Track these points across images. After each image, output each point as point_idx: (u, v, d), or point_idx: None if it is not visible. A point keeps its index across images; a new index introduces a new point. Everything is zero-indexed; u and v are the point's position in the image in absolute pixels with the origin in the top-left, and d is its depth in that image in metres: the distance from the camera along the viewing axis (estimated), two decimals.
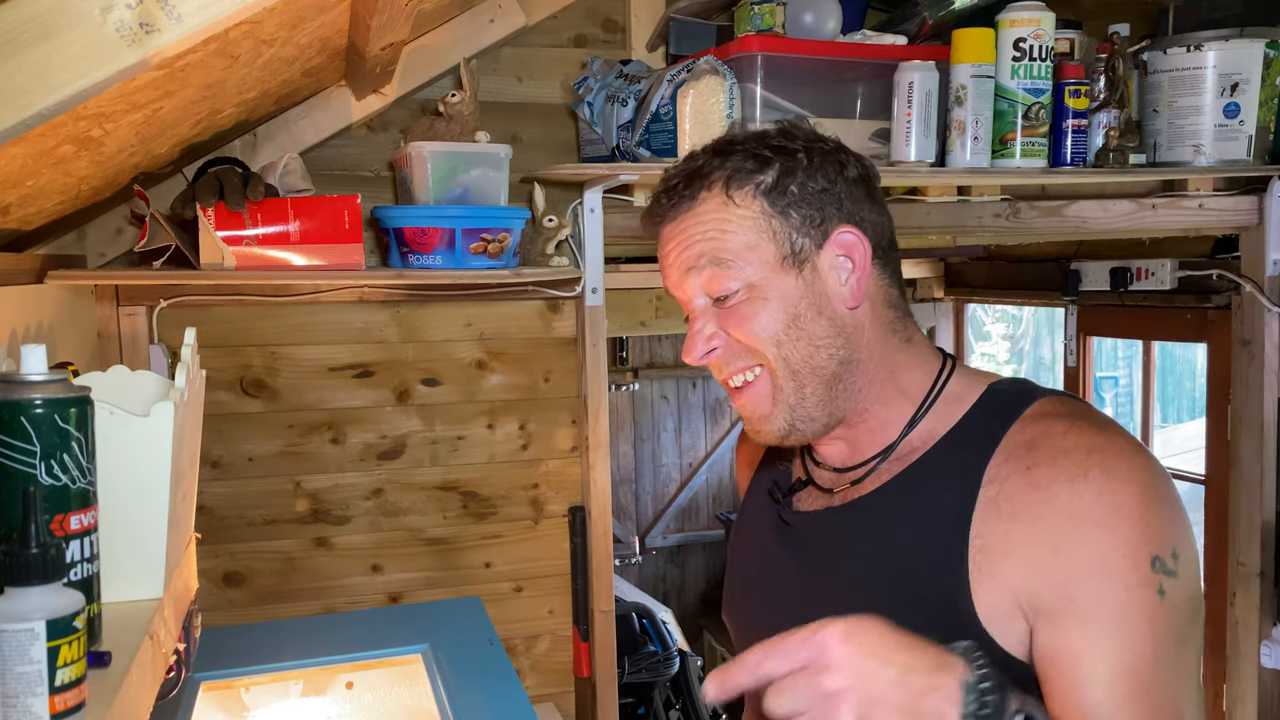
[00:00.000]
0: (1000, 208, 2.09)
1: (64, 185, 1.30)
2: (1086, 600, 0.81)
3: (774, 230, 0.93)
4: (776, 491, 1.06)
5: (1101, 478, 0.82)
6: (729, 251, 0.93)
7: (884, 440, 0.97)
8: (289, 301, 1.88)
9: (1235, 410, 2.33)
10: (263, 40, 1.14)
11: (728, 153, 0.95)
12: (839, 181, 0.95)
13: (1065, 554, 0.82)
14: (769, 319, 0.93)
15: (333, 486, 1.96)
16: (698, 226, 0.94)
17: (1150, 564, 0.81)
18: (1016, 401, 0.92)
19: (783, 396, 0.95)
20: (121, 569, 0.84)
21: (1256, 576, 2.29)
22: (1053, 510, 0.83)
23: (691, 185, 0.95)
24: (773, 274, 0.93)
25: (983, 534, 0.86)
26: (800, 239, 0.93)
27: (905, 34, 1.87)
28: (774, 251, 0.93)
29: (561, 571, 2.09)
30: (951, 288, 3.54)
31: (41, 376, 0.72)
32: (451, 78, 1.87)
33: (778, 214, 0.93)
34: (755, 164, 0.94)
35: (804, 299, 0.93)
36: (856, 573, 0.95)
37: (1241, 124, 1.95)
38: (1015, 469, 0.87)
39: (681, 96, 1.71)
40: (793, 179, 0.93)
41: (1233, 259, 2.33)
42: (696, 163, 0.96)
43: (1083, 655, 0.81)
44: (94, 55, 0.75)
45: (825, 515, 1.00)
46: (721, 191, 0.94)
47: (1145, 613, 0.80)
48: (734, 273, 0.93)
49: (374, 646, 1.71)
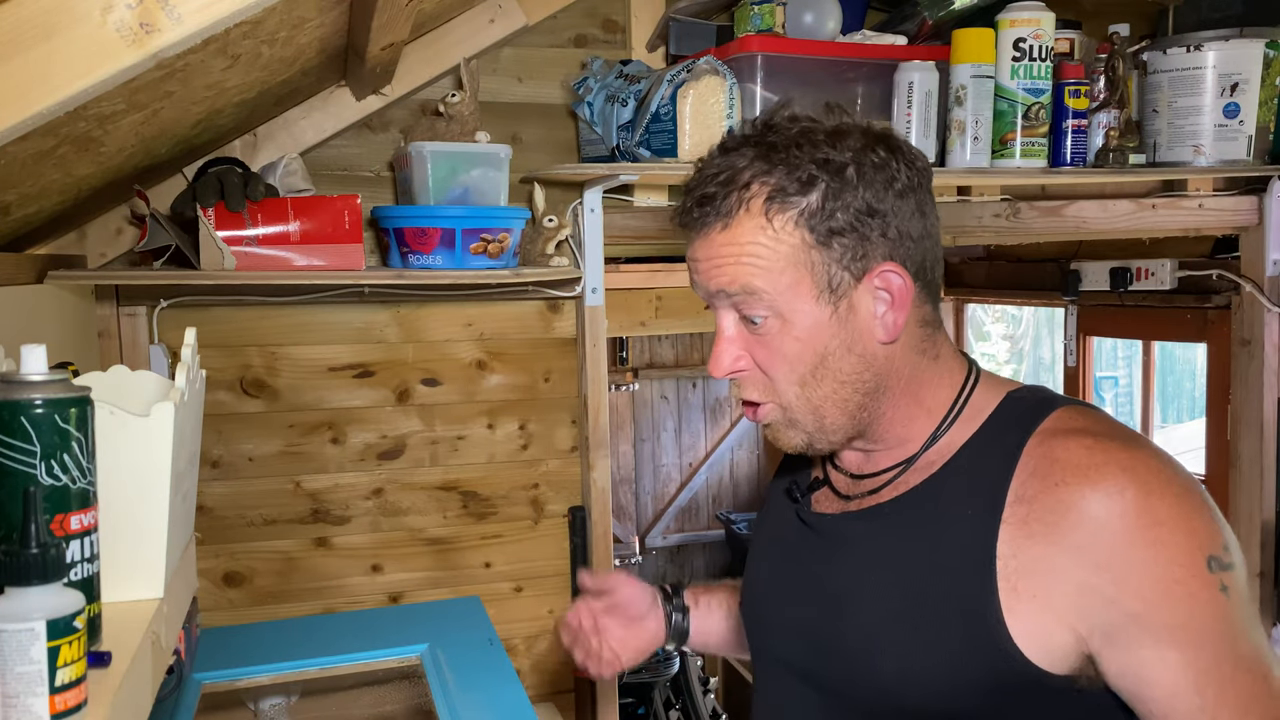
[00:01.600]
0: (1000, 208, 2.09)
1: (64, 185, 1.30)
2: (1152, 615, 0.81)
3: (813, 263, 0.88)
4: (795, 490, 1.05)
5: (1139, 495, 0.81)
6: (762, 281, 0.88)
7: (903, 453, 0.96)
8: (289, 301, 1.88)
9: (1235, 410, 2.33)
10: (263, 40, 1.14)
11: (770, 159, 0.88)
12: (887, 198, 0.88)
13: (1117, 573, 0.81)
14: (795, 358, 0.90)
15: (333, 486, 1.96)
16: (731, 248, 0.88)
17: (1207, 565, 0.80)
18: (1034, 412, 0.91)
19: (800, 425, 0.93)
20: (121, 569, 0.84)
21: (1256, 576, 2.29)
22: (1093, 532, 0.82)
23: (729, 199, 0.88)
24: (806, 308, 0.88)
25: (1015, 554, 0.85)
26: (839, 272, 0.88)
27: (905, 34, 1.87)
28: (811, 284, 0.88)
29: (561, 571, 2.09)
30: (951, 288, 3.54)
31: (41, 376, 0.72)
32: (451, 78, 1.87)
33: (819, 244, 0.87)
34: (799, 185, 0.87)
35: (835, 337, 0.89)
36: (873, 578, 0.94)
37: (1241, 124, 1.95)
38: (1043, 486, 0.85)
39: (681, 97, 1.71)
40: (838, 202, 0.87)
41: (1233, 259, 2.33)
42: (735, 164, 0.89)
43: (1165, 670, 0.81)
44: (94, 55, 0.75)
45: (842, 519, 0.99)
46: (761, 214, 0.87)
47: (1216, 614, 0.81)
48: (766, 304, 0.88)
49: (374, 646, 1.71)
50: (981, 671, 0.85)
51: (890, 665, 0.89)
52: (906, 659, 0.89)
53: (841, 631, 0.94)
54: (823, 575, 0.99)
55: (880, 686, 0.90)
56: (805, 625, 0.99)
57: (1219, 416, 2.42)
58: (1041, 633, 0.84)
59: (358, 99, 1.83)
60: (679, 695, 3.85)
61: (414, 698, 1.71)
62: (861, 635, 0.92)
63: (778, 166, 0.88)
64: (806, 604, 0.99)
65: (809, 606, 0.99)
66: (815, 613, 0.98)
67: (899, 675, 0.89)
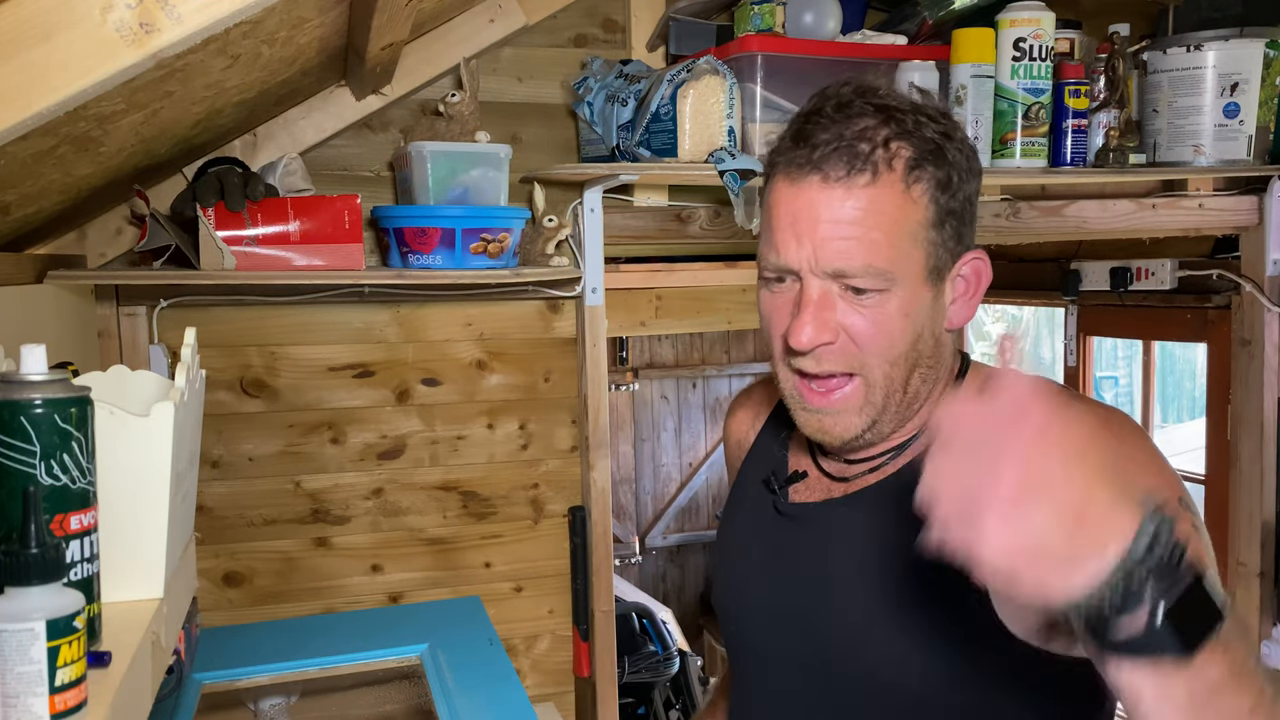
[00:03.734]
0: (1000, 208, 2.09)
1: (64, 185, 1.30)
2: None
3: (929, 240, 0.86)
4: (773, 481, 1.04)
5: None
6: (888, 258, 0.84)
7: (897, 439, 0.97)
8: (289, 301, 1.88)
9: (1235, 410, 2.33)
10: (263, 40, 1.14)
11: (901, 125, 0.83)
12: (979, 189, 0.88)
13: None
14: (897, 335, 0.87)
15: (333, 486, 1.96)
16: (864, 212, 0.83)
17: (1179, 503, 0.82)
18: None
19: (869, 410, 0.91)
20: (121, 569, 0.83)
21: (1256, 576, 2.29)
22: None
23: (873, 153, 0.83)
24: (916, 286, 0.87)
25: None
26: (944, 254, 0.87)
27: (905, 34, 1.87)
28: (923, 263, 0.86)
29: (561, 571, 2.09)
30: None
31: (41, 376, 0.72)
32: (451, 78, 1.87)
33: (936, 223, 0.86)
34: (935, 155, 0.84)
35: (929, 318, 0.89)
36: (863, 563, 0.94)
37: (1241, 124, 1.95)
38: None
39: (681, 96, 1.71)
40: (960, 183, 0.85)
41: (1233, 259, 2.33)
42: (872, 121, 0.84)
43: None
44: (94, 55, 0.75)
45: (825, 507, 0.99)
46: (902, 178, 0.83)
47: None
48: (885, 278, 0.85)
49: (374, 646, 1.71)
50: (970, 650, 0.86)
51: (880, 648, 0.90)
52: (896, 641, 0.89)
53: (829, 617, 0.95)
54: (807, 562, 0.99)
55: (870, 669, 0.91)
56: (791, 613, 0.98)
57: (1219, 416, 2.42)
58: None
59: (358, 99, 1.83)
60: (679, 695, 3.85)
61: (414, 698, 1.71)
62: (850, 619, 0.93)
63: (907, 134, 0.84)
64: (791, 592, 0.99)
65: (794, 594, 0.99)
66: (801, 600, 0.98)
67: (889, 657, 0.90)
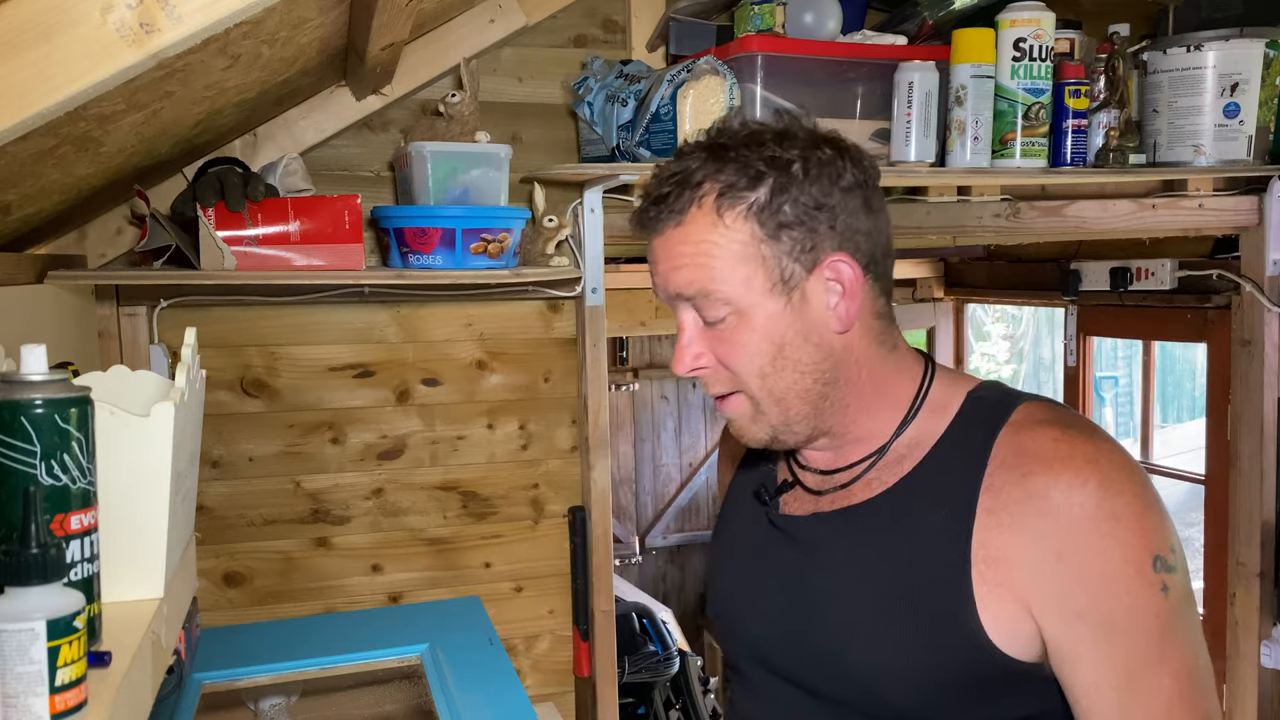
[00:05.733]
0: (1000, 208, 2.09)
1: (64, 185, 1.30)
2: (1096, 606, 0.84)
3: (764, 256, 0.90)
4: (764, 493, 1.05)
5: (1099, 487, 0.84)
6: (717, 279, 0.90)
7: (870, 447, 0.98)
8: (289, 301, 1.88)
9: (1235, 410, 2.33)
10: (263, 40, 1.14)
11: (721, 159, 0.91)
12: (834, 193, 0.91)
13: (1070, 562, 0.84)
14: (755, 350, 0.92)
15: (333, 486, 1.96)
16: (686, 247, 0.91)
17: (1152, 565, 0.83)
18: (1000, 408, 0.93)
19: (765, 417, 0.95)
20: (121, 569, 0.84)
21: (1256, 576, 2.29)
22: (1053, 519, 0.85)
23: (681, 198, 0.91)
24: (761, 301, 0.91)
25: (984, 544, 0.88)
26: (790, 264, 0.90)
27: (905, 34, 1.87)
28: (763, 278, 0.90)
29: (561, 571, 2.09)
30: (951, 288, 3.54)
31: (42, 376, 0.72)
32: (451, 78, 1.87)
33: (769, 237, 0.90)
34: (748, 180, 0.90)
35: (791, 327, 0.92)
36: (852, 579, 0.95)
37: (1241, 124, 1.95)
38: (1011, 477, 0.88)
39: (681, 96, 1.71)
40: (786, 196, 0.89)
41: (1233, 259, 2.33)
42: (688, 166, 0.92)
43: (1094, 659, 0.84)
44: (94, 55, 0.75)
45: (814, 521, 1.00)
46: (712, 210, 0.90)
47: (1151, 611, 0.84)
48: (722, 301, 0.91)
49: (374, 646, 1.71)
50: (958, 664, 0.88)
51: (871, 663, 0.91)
52: (887, 656, 0.91)
53: (821, 632, 0.96)
54: (799, 577, 1.00)
55: (862, 684, 0.92)
56: (784, 627, 1.00)
57: (1219, 416, 2.42)
58: (1009, 619, 0.87)
59: (358, 99, 1.83)
60: (679, 695, 3.85)
61: (414, 698, 1.71)
62: (841, 635, 0.94)
63: (728, 165, 0.90)
64: (785, 606, 1.00)
65: (787, 608, 1.00)
66: (794, 614, 0.99)
67: (880, 672, 0.91)
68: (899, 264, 3.98)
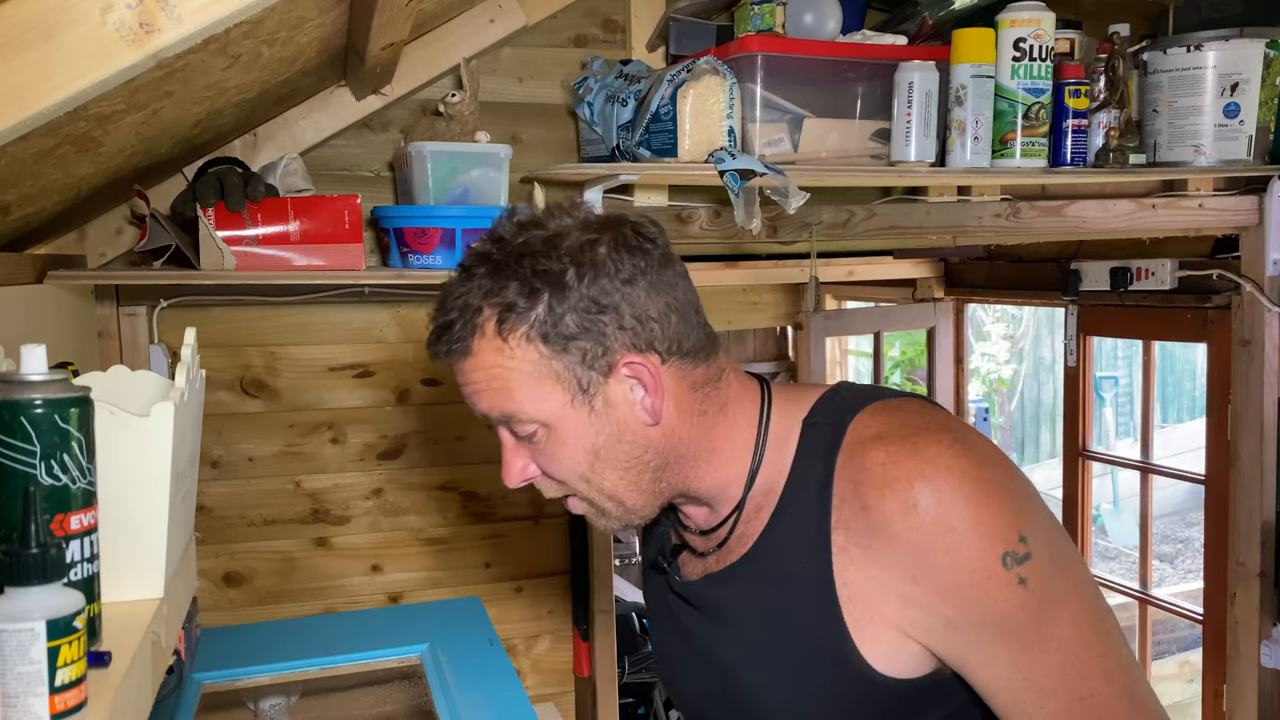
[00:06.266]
0: (1000, 208, 2.09)
1: (64, 185, 1.30)
2: (963, 616, 0.84)
3: (556, 372, 0.88)
4: (661, 561, 1.06)
5: (930, 502, 0.83)
6: (515, 401, 0.89)
7: (733, 497, 0.97)
8: (289, 301, 1.88)
9: (1235, 410, 2.33)
10: (263, 40, 1.14)
11: (496, 275, 0.88)
12: (614, 292, 0.87)
13: (924, 582, 0.84)
14: (570, 461, 0.91)
15: (333, 486, 1.96)
16: (479, 374, 0.90)
17: (1002, 563, 0.82)
18: (832, 436, 0.91)
19: (605, 512, 0.95)
20: (121, 569, 0.84)
21: (1256, 576, 2.29)
22: (897, 546, 0.85)
23: (465, 328, 0.89)
24: (564, 414, 0.89)
25: (845, 584, 0.88)
26: (585, 373, 0.88)
27: (905, 34, 1.87)
28: (561, 392, 0.89)
29: (561, 571, 2.09)
30: (951, 288, 3.54)
31: (41, 376, 0.72)
32: (451, 78, 1.87)
33: (557, 353, 0.87)
34: (525, 299, 0.87)
35: (601, 433, 0.90)
36: (750, 636, 0.96)
37: (1241, 124, 1.95)
38: (852, 510, 0.87)
39: (681, 96, 1.70)
40: (564, 307, 0.86)
41: (1233, 259, 2.33)
42: (466, 290, 0.90)
43: (983, 659, 0.86)
44: (94, 55, 0.75)
45: (706, 583, 1.00)
46: (495, 336, 0.88)
47: (1016, 606, 0.83)
48: (526, 421, 0.90)
49: (374, 646, 1.71)
50: (863, 697, 0.89)
51: (788, 715, 0.93)
52: (793, 706, 0.93)
53: (735, 692, 0.98)
54: (706, 645, 1.02)
55: None
56: (703, 686, 1.03)
57: (1219, 416, 2.42)
58: (890, 647, 0.88)
59: (358, 99, 1.83)
60: None
61: (414, 698, 1.71)
62: (753, 693, 0.96)
63: (504, 283, 0.88)
64: (699, 668, 1.03)
65: (703, 670, 1.03)
66: (709, 675, 1.02)
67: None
68: (899, 264, 3.92)
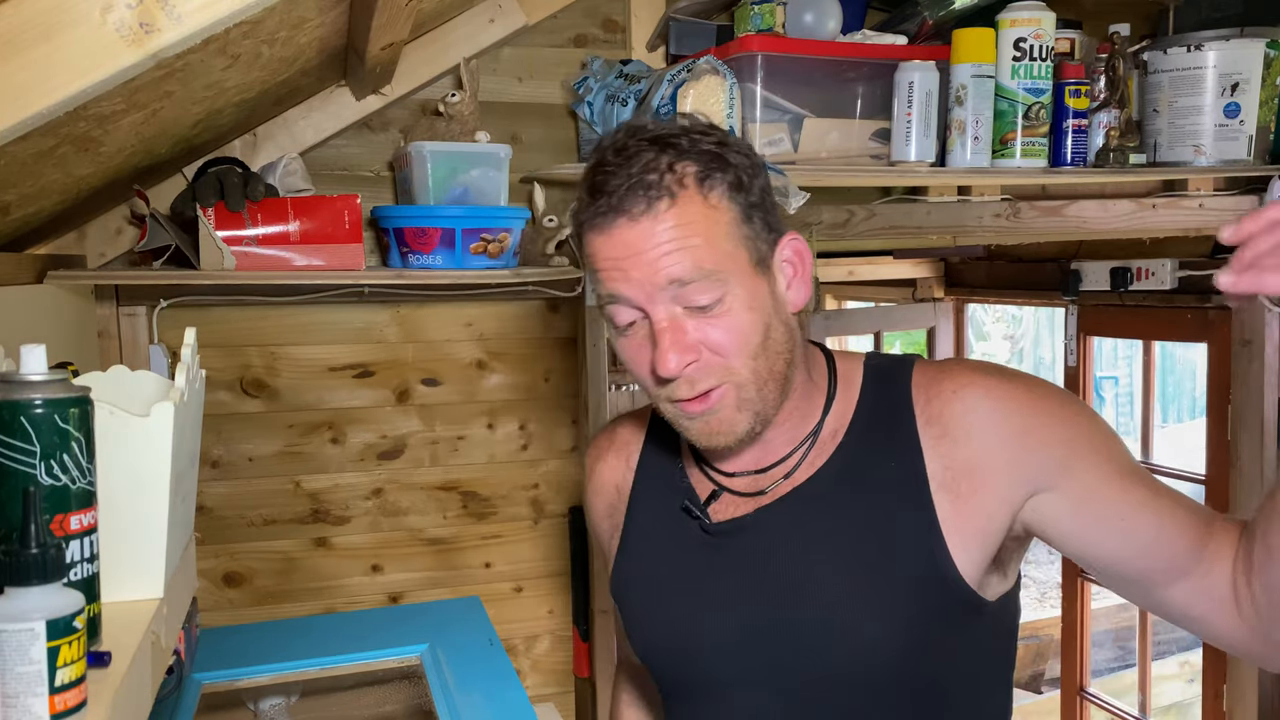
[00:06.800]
0: (1000, 208, 2.09)
1: (64, 185, 1.30)
2: (1074, 444, 0.93)
3: (744, 235, 0.90)
4: (694, 508, 1.02)
5: (1022, 376, 0.97)
6: (715, 256, 0.88)
7: (797, 434, 0.99)
8: (289, 301, 1.88)
9: (1235, 410, 2.33)
10: (262, 40, 1.14)
11: (676, 150, 0.89)
12: (766, 176, 0.94)
13: (1033, 432, 0.92)
14: (750, 330, 0.90)
15: (333, 486, 1.96)
16: (677, 229, 0.87)
17: (1081, 403, 0.98)
18: (900, 365, 1.00)
19: (749, 405, 0.93)
20: (121, 569, 0.83)
21: None
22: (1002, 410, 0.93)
23: (663, 181, 0.87)
24: (749, 281, 0.90)
25: (947, 465, 0.93)
26: (761, 245, 0.91)
27: (905, 34, 1.87)
28: (747, 258, 0.90)
29: (561, 571, 2.09)
30: (951, 288, 3.54)
31: (41, 376, 0.72)
32: (451, 78, 1.87)
33: (744, 219, 0.90)
34: (718, 163, 0.89)
35: (772, 308, 0.92)
36: (819, 555, 0.94)
37: (1242, 124, 1.95)
38: (944, 401, 0.94)
39: (681, 96, 1.70)
40: (747, 178, 0.90)
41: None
42: (648, 157, 0.88)
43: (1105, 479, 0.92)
44: (94, 55, 0.75)
45: (760, 514, 0.98)
46: (697, 191, 0.88)
47: (1103, 426, 0.95)
48: (718, 281, 0.88)
49: (374, 646, 1.71)
50: (935, 606, 0.92)
51: (856, 626, 0.92)
52: (870, 613, 0.92)
53: (798, 616, 0.94)
54: (757, 573, 0.97)
55: (850, 656, 0.93)
56: (749, 631, 0.97)
57: (1219, 416, 2.42)
58: (976, 534, 0.92)
59: (358, 99, 1.83)
60: None
61: (414, 698, 1.71)
62: (821, 611, 0.94)
63: (686, 154, 0.89)
64: (745, 609, 0.97)
65: (749, 610, 0.97)
66: (760, 612, 0.96)
67: (866, 632, 0.92)
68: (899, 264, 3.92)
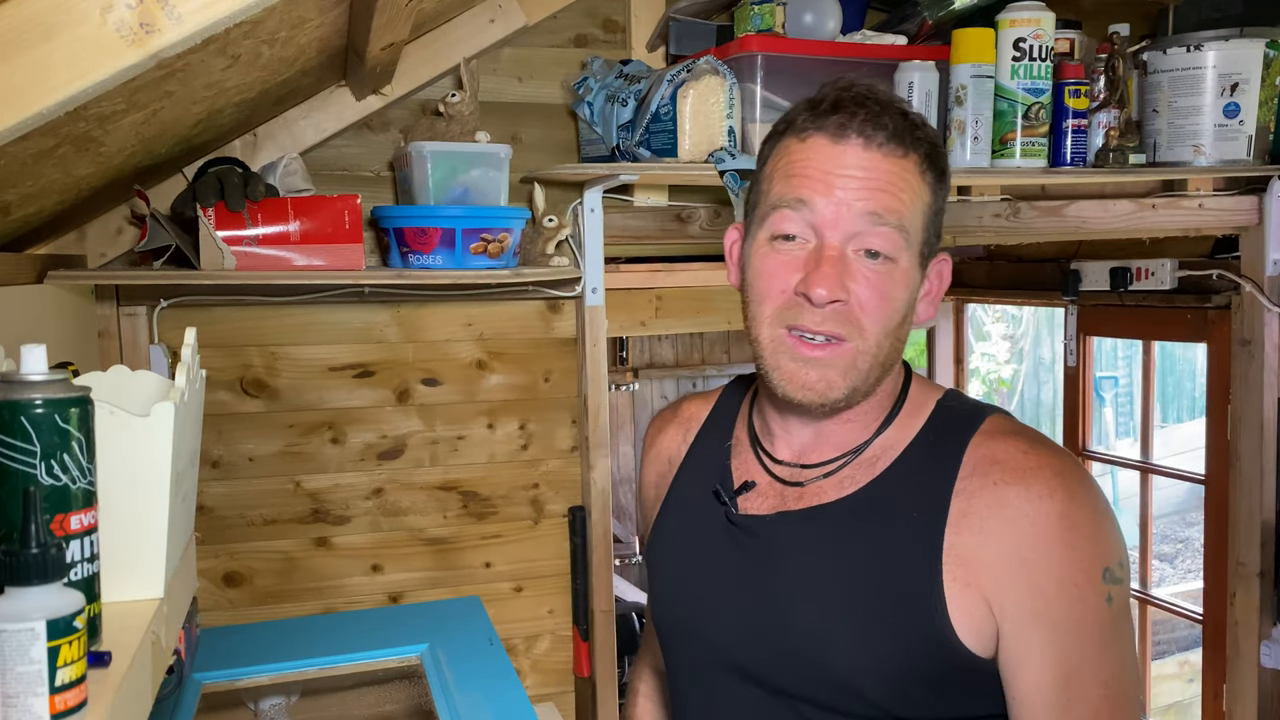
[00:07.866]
0: (1000, 208, 2.09)
1: (64, 185, 1.30)
2: (1049, 610, 0.88)
3: (924, 227, 0.95)
4: (722, 494, 1.04)
5: (1065, 498, 0.89)
6: (907, 218, 0.92)
7: (850, 440, 0.99)
8: (289, 301, 1.88)
9: (1235, 410, 2.33)
10: (263, 40, 1.14)
11: (922, 125, 0.94)
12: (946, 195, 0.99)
13: (1032, 566, 0.89)
14: (896, 304, 0.94)
15: (333, 486, 1.96)
16: (896, 177, 0.92)
17: (1103, 575, 0.89)
18: (969, 418, 0.97)
19: (853, 375, 0.94)
20: (121, 569, 0.83)
21: (1256, 576, 2.29)
22: (1021, 526, 0.89)
23: (908, 134, 0.92)
24: (912, 264, 0.94)
25: (956, 545, 0.91)
26: (930, 244, 0.96)
27: (905, 34, 1.87)
28: (919, 245, 0.95)
29: (561, 571, 2.09)
30: (952, 288, 3.53)
31: (41, 376, 0.72)
32: (451, 78, 1.87)
33: (930, 216, 0.95)
34: (939, 157, 0.95)
35: (912, 300, 0.96)
36: (821, 579, 0.95)
37: (1241, 124, 1.95)
38: (983, 484, 0.92)
39: (681, 96, 1.71)
40: (945, 187, 0.97)
41: (1233, 259, 2.33)
42: (901, 110, 0.93)
43: (1043, 659, 0.89)
44: (94, 55, 0.75)
45: (780, 519, 0.99)
46: (919, 164, 0.93)
47: (1096, 618, 0.89)
48: (902, 243, 0.92)
49: (374, 646, 1.71)
50: (928, 659, 0.91)
51: (845, 660, 0.92)
52: (860, 653, 0.92)
53: (790, 632, 0.96)
54: (765, 576, 0.99)
55: (835, 681, 0.93)
56: (749, 627, 0.99)
57: (1219, 416, 2.42)
58: (976, 616, 0.90)
59: (358, 99, 1.83)
60: None
61: (414, 698, 1.71)
62: (812, 635, 0.94)
63: (924, 130, 0.95)
64: (748, 604, 0.99)
65: (750, 606, 0.99)
66: (758, 612, 0.98)
67: (853, 669, 0.92)
68: None
